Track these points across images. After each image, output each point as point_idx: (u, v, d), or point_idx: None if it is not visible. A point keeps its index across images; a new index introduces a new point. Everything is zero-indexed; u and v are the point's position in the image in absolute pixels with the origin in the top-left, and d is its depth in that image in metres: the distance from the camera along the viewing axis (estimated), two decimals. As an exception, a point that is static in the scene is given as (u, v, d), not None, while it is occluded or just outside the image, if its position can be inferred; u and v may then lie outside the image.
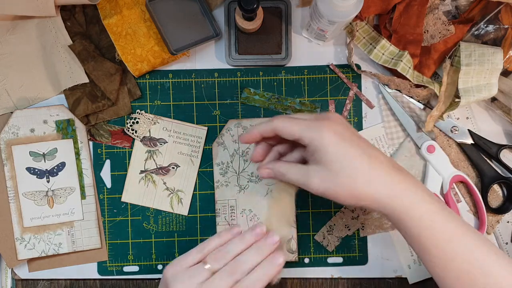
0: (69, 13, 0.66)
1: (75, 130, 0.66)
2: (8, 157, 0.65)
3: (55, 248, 0.66)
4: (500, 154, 0.67)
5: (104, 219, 0.67)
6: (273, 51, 0.67)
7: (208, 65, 0.68)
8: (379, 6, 0.64)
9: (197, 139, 0.67)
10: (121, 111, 0.67)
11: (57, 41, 0.66)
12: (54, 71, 0.66)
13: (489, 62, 0.62)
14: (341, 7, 0.55)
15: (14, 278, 0.67)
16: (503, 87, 0.64)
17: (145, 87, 0.68)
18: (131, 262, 0.67)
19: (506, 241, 0.68)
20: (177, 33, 0.65)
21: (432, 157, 0.66)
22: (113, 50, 0.66)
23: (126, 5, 0.65)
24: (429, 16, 0.65)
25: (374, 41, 0.66)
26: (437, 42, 0.65)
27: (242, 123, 0.67)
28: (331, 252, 0.68)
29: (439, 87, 0.64)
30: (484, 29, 0.64)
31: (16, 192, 0.66)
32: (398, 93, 0.67)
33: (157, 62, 0.66)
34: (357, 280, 0.68)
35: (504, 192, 0.69)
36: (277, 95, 0.68)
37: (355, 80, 0.68)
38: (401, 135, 0.68)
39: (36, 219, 0.66)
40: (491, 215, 0.68)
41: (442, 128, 0.68)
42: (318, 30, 0.62)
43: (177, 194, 0.67)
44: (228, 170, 0.67)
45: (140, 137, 0.67)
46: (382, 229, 0.68)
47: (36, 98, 0.67)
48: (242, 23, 0.63)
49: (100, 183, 0.67)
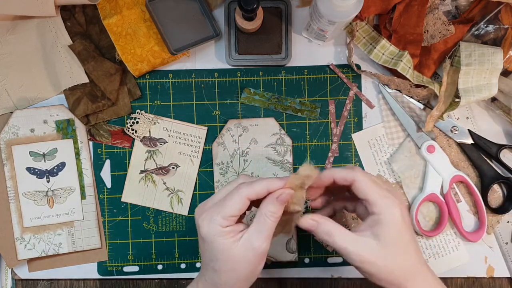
0: (69, 13, 0.66)
1: (75, 130, 0.66)
2: (8, 157, 0.65)
3: (55, 248, 0.66)
4: (500, 154, 0.67)
5: (104, 219, 0.67)
6: (273, 51, 0.67)
7: (208, 65, 0.68)
8: (379, 6, 0.64)
9: (197, 139, 0.67)
10: (121, 111, 0.67)
11: (57, 41, 0.66)
12: (54, 71, 0.66)
13: (489, 62, 0.62)
14: (341, 7, 0.55)
15: (14, 278, 0.67)
16: (503, 87, 0.64)
17: (145, 87, 0.68)
18: (131, 262, 0.67)
19: (506, 241, 0.68)
20: (177, 33, 0.65)
21: (432, 157, 0.66)
22: (113, 50, 0.66)
23: (126, 5, 0.65)
24: (429, 16, 0.65)
25: (374, 41, 0.66)
26: (437, 42, 0.65)
27: (242, 123, 0.67)
28: (331, 252, 0.68)
29: (439, 87, 0.64)
30: (484, 29, 0.64)
31: (16, 192, 0.66)
32: (398, 93, 0.67)
33: (157, 62, 0.66)
34: (357, 280, 0.68)
35: (504, 192, 0.69)
36: (277, 95, 0.68)
37: (355, 80, 0.68)
38: (401, 135, 0.68)
39: (36, 219, 0.66)
40: (491, 215, 0.68)
41: (442, 128, 0.68)
42: (318, 30, 0.62)
43: (177, 194, 0.67)
44: (228, 170, 0.67)
45: (140, 137, 0.67)
46: (382, 229, 0.68)
47: (36, 98, 0.67)
48: (242, 23, 0.63)
49: (100, 183, 0.67)
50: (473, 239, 0.66)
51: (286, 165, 0.67)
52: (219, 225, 0.49)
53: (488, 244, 0.68)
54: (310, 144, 0.68)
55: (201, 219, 0.50)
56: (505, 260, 0.68)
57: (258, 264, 0.50)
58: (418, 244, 0.53)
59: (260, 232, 0.49)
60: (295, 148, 0.68)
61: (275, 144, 0.67)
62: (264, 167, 0.67)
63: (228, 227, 0.49)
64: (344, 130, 0.68)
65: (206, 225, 0.49)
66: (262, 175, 0.67)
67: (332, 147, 0.68)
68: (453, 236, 0.68)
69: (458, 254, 0.68)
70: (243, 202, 0.49)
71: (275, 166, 0.67)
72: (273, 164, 0.67)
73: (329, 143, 0.68)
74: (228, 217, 0.49)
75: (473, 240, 0.66)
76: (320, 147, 0.68)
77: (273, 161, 0.67)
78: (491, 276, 0.68)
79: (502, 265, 0.68)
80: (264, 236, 0.49)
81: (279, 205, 0.49)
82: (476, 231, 0.67)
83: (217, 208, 0.49)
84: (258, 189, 0.49)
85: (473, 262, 0.68)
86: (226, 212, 0.49)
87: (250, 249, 0.49)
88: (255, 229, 0.49)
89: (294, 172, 0.55)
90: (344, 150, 0.68)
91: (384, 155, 0.68)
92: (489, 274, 0.68)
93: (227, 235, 0.49)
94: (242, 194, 0.49)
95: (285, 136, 0.67)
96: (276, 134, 0.67)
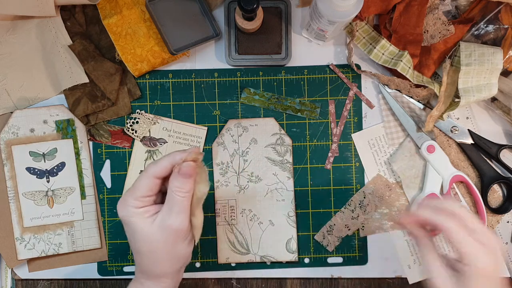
0: (69, 13, 0.66)
1: (75, 130, 0.66)
2: (8, 157, 0.65)
3: (55, 248, 0.66)
4: (500, 154, 0.67)
5: (104, 219, 0.67)
6: (273, 51, 0.67)
7: (208, 65, 0.68)
8: (379, 6, 0.64)
9: (197, 139, 0.67)
10: (121, 111, 0.67)
11: (57, 41, 0.66)
12: (54, 71, 0.66)
13: (489, 62, 0.62)
14: (341, 7, 0.55)
15: (14, 278, 0.67)
16: (503, 87, 0.64)
17: (145, 87, 0.68)
18: (131, 262, 0.67)
19: (506, 241, 0.68)
20: (177, 33, 0.65)
21: (432, 157, 0.66)
22: (113, 50, 0.66)
23: (126, 5, 0.65)
24: (429, 16, 0.65)
25: (374, 41, 0.66)
26: (437, 42, 0.65)
27: (242, 123, 0.67)
28: (331, 252, 0.68)
29: (439, 87, 0.64)
30: (484, 29, 0.64)
31: (16, 192, 0.66)
32: (398, 93, 0.67)
33: (157, 62, 0.66)
34: (357, 280, 0.68)
35: (504, 192, 0.69)
36: (277, 95, 0.68)
37: (355, 80, 0.68)
38: (401, 135, 0.68)
39: (36, 219, 0.66)
40: (491, 215, 0.68)
41: (442, 128, 0.68)
42: (318, 30, 0.62)
43: (177, 194, 0.67)
44: (228, 170, 0.67)
45: (140, 137, 0.67)
46: (382, 229, 0.68)
47: (36, 98, 0.67)
48: (242, 23, 0.63)
49: (100, 183, 0.67)
50: (473, 239, 0.66)
51: (286, 165, 0.67)
52: (132, 206, 0.50)
53: (488, 244, 0.68)
54: (310, 144, 0.68)
55: (118, 204, 0.52)
56: (505, 260, 0.68)
57: (175, 243, 0.50)
58: None
59: (171, 209, 0.50)
60: (295, 148, 0.68)
61: (275, 144, 0.67)
62: (264, 167, 0.67)
63: (143, 208, 0.50)
64: (344, 130, 0.68)
65: (121, 209, 0.51)
66: (262, 175, 0.67)
67: (332, 147, 0.68)
68: (453, 236, 0.68)
69: (458, 254, 0.68)
70: (151, 181, 0.50)
71: (275, 166, 0.67)
72: (273, 164, 0.67)
73: (329, 143, 0.68)
74: (140, 197, 0.50)
75: (473, 240, 0.66)
76: (320, 147, 0.68)
77: (273, 161, 0.67)
78: (491, 276, 0.68)
79: (502, 265, 0.68)
80: (175, 212, 0.49)
81: (182, 179, 0.49)
82: (476, 231, 0.67)
83: (129, 192, 0.51)
84: (162, 165, 0.50)
85: (473, 262, 0.68)
86: (136, 193, 0.50)
87: (163, 227, 0.50)
88: (167, 207, 0.50)
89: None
90: (344, 150, 0.68)
91: (384, 155, 0.68)
92: (489, 274, 0.68)
93: (142, 215, 0.50)
94: (149, 172, 0.50)
95: (285, 136, 0.67)
96: (276, 134, 0.67)
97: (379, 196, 0.67)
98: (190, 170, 0.50)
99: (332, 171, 0.68)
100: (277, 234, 0.67)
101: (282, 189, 0.67)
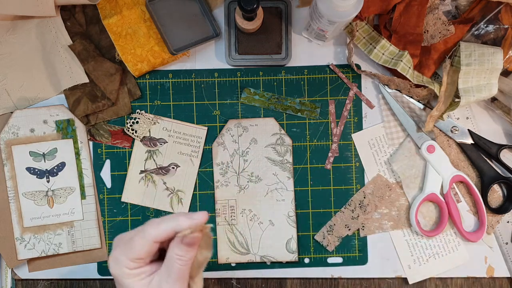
0: (69, 13, 0.66)
1: (75, 130, 0.66)
2: (8, 157, 0.65)
3: (55, 248, 0.66)
4: (500, 154, 0.67)
5: (104, 219, 0.67)
6: (273, 51, 0.67)
7: (208, 65, 0.68)
8: (379, 6, 0.64)
9: (197, 139, 0.67)
10: (121, 111, 0.67)
11: (57, 41, 0.66)
12: (54, 71, 0.66)
13: (489, 62, 0.62)
14: (341, 7, 0.55)
15: (14, 278, 0.67)
16: (503, 87, 0.64)
17: (145, 87, 0.68)
18: (131, 262, 0.67)
19: (506, 241, 0.68)
20: (177, 33, 0.65)
21: (432, 157, 0.66)
22: (113, 50, 0.66)
23: (126, 5, 0.65)
24: (429, 16, 0.65)
25: (374, 41, 0.66)
26: (437, 42, 0.65)
27: (242, 123, 0.67)
28: (331, 252, 0.68)
29: (439, 87, 0.64)
30: (484, 29, 0.64)
31: (16, 192, 0.66)
32: (398, 93, 0.67)
33: (157, 62, 0.66)
34: (357, 280, 0.68)
35: (504, 192, 0.69)
36: (277, 95, 0.68)
37: (355, 80, 0.68)
38: (401, 135, 0.68)
39: (36, 219, 0.66)
40: (491, 215, 0.68)
41: (442, 128, 0.68)
42: (318, 30, 0.62)
43: (177, 194, 0.67)
44: (228, 170, 0.67)
45: (140, 137, 0.67)
46: (382, 229, 0.68)
47: (36, 98, 0.67)
48: (242, 23, 0.63)
49: (100, 183, 0.67)
50: (473, 239, 0.66)
51: (286, 165, 0.67)
52: (125, 267, 0.46)
53: (488, 244, 0.68)
54: (310, 144, 0.68)
55: (110, 257, 0.48)
56: (505, 260, 0.68)
57: None
58: None
59: (169, 275, 0.47)
60: (295, 148, 0.68)
61: (275, 144, 0.67)
62: (264, 167, 0.67)
63: (137, 269, 0.47)
64: (344, 130, 0.68)
65: (113, 266, 0.47)
66: (262, 175, 0.67)
67: (332, 147, 0.68)
68: (453, 236, 0.68)
69: (458, 254, 0.68)
70: (150, 245, 0.46)
71: (275, 166, 0.67)
72: (273, 164, 0.67)
73: (329, 143, 0.68)
74: (135, 259, 0.46)
75: (473, 240, 0.66)
76: (320, 147, 0.68)
77: (273, 161, 0.67)
78: (491, 276, 0.68)
79: (502, 265, 0.68)
80: (173, 279, 0.46)
81: (185, 248, 0.46)
82: (476, 231, 0.67)
83: (124, 249, 0.47)
84: (165, 231, 0.46)
85: (473, 262, 0.68)
86: (132, 255, 0.46)
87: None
88: (165, 272, 0.47)
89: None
90: (344, 150, 0.68)
91: (384, 155, 0.68)
92: (489, 274, 0.68)
93: (136, 277, 0.47)
94: (148, 236, 0.46)
95: (285, 136, 0.67)
96: (276, 134, 0.67)
97: (379, 196, 0.67)
98: (196, 240, 0.46)
99: (332, 171, 0.68)
100: (277, 234, 0.67)
101: (282, 189, 0.67)
